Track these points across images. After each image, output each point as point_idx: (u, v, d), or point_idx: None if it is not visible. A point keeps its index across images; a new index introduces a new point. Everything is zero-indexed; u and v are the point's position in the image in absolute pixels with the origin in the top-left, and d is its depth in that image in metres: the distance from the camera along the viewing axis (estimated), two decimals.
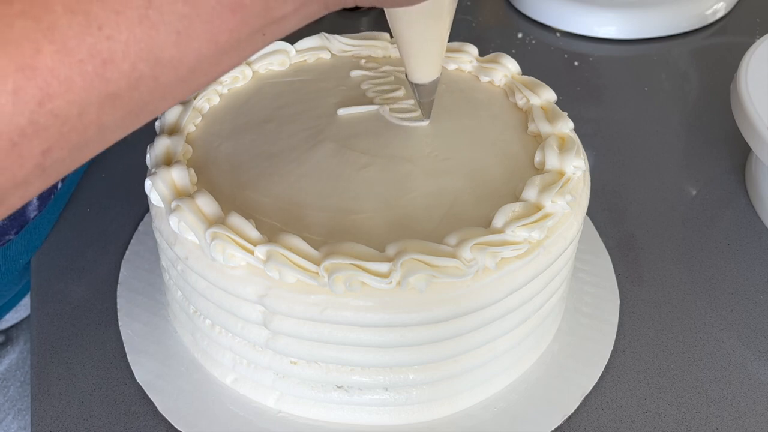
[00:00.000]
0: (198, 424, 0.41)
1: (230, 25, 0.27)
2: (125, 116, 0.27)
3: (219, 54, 0.27)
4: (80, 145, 0.26)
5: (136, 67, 0.26)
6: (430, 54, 0.41)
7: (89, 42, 0.24)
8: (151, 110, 0.28)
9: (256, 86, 0.48)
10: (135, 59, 0.25)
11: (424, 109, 0.44)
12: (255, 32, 0.28)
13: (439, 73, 0.42)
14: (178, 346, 0.44)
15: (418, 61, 0.41)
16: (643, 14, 0.73)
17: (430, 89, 0.43)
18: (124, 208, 0.54)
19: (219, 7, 0.26)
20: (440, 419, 0.41)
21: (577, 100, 0.66)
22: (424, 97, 0.43)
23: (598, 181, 0.55)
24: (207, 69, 0.28)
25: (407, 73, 0.42)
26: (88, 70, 0.25)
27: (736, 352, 0.46)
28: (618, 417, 0.42)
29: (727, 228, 0.54)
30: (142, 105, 0.27)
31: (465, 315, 0.37)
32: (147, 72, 0.26)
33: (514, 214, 0.38)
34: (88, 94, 0.25)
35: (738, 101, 0.53)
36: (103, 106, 0.26)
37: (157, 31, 0.25)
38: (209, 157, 0.43)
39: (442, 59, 0.42)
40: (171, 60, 0.26)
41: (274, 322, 0.37)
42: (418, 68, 0.42)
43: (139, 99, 0.27)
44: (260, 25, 0.28)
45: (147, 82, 0.26)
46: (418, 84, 0.42)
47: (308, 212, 0.39)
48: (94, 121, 0.26)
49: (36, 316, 0.47)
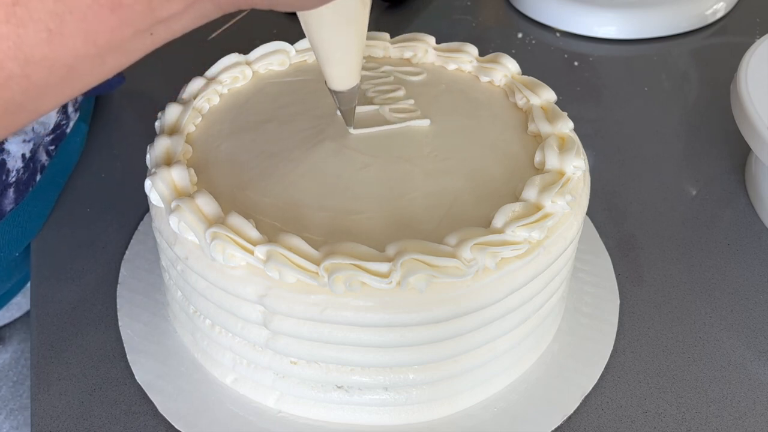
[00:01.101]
0: (198, 424, 0.41)
1: (110, 24, 0.26)
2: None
3: (101, 54, 0.27)
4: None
5: (5, 66, 0.25)
6: (343, 60, 0.40)
7: None
8: (30, 109, 0.27)
9: (256, 86, 0.48)
10: (3, 58, 0.25)
11: (346, 118, 0.43)
12: (140, 32, 0.27)
13: (358, 80, 0.41)
14: (178, 346, 0.44)
15: (333, 67, 0.40)
16: (643, 14, 0.73)
17: (349, 97, 0.42)
18: (124, 208, 0.54)
19: (95, 5, 0.25)
20: (440, 419, 0.41)
21: (577, 100, 0.66)
22: (343, 105, 0.42)
23: (598, 181, 0.55)
24: (90, 69, 0.27)
25: (325, 80, 0.41)
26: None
27: (736, 352, 0.46)
28: (618, 417, 0.42)
29: (727, 228, 0.54)
30: (16, 105, 0.26)
31: (465, 315, 0.37)
32: (17, 71, 0.25)
33: (514, 214, 0.38)
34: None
35: (738, 101, 0.53)
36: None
37: (25, 28, 0.25)
38: (209, 157, 0.43)
39: (358, 66, 0.41)
40: (44, 59, 0.25)
41: (274, 322, 0.37)
42: (333, 75, 0.41)
43: (11, 98, 0.26)
44: (146, 25, 0.27)
45: (18, 82, 0.26)
46: (335, 91, 0.41)
47: (308, 212, 0.39)
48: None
49: (36, 316, 0.47)
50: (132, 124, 0.56)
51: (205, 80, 0.47)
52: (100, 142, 0.60)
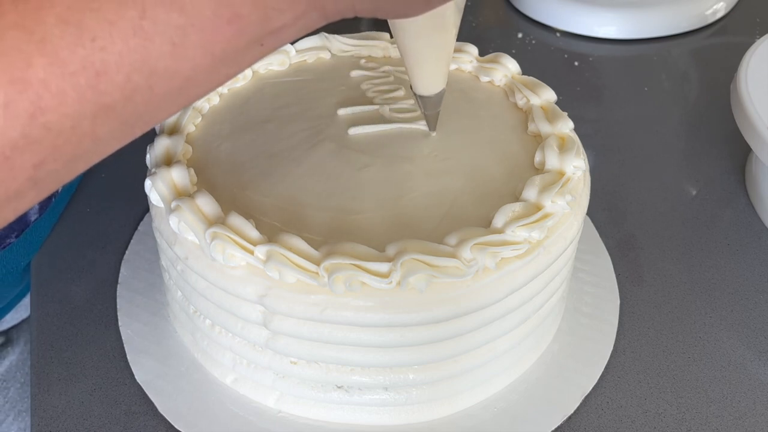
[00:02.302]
0: (198, 424, 0.41)
1: (227, 36, 0.26)
2: (120, 128, 0.27)
3: (215, 64, 0.27)
4: (74, 158, 0.26)
5: (131, 79, 0.25)
6: (434, 66, 0.40)
7: (82, 54, 0.24)
8: (146, 121, 0.28)
9: (256, 86, 0.48)
10: (129, 70, 0.25)
11: (430, 122, 0.44)
12: (252, 43, 0.27)
13: (444, 84, 0.41)
14: (178, 346, 0.44)
15: (423, 73, 0.40)
16: (643, 14, 0.73)
17: (435, 101, 0.42)
18: (124, 208, 0.54)
19: (215, 17, 0.26)
20: (440, 419, 0.41)
21: (577, 100, 0.66)
22: (429, 109, 0.43)
23: (598, 181, 0.55)
24: (203, 80, 0.27)
25: (412, 85, 0.41)
26: (80, 82, 0.24)
27: (736, 352, 0.46)
28: (618, 417, 0.42)
29: (727, 228, 0.54)
30: (137, 116, 0.27)
31: (465, 315, 0.37)
32: (142, 83, 0.26)
33: (514, 214, 0.38)
34: (82, 106, 0.25)
35: (738, 101, 0.53)
36: (96, 118, 0.25)
37: (152, 42, 0.25)
38: (209, 157, 0.43)
39: (447, 71, 0.41)
40: (166, 71, 0.26)
41: (274, 322, 0.37)
42: (422, 80, 0.41)
43: (134, 110, 0.26)
44: (258, 35, 0.27)
45: (142, 94, 0.26)
46: (422, 96, 0.42)
47: (308, 212, 0.39)
48: (88, 134, 0.26)
49: (36, 316, 0.47)
50: None
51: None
52: None
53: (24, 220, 0.50)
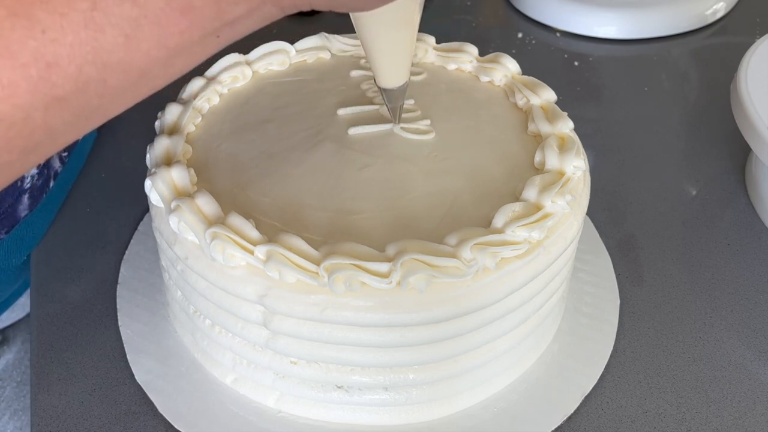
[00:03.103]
0: (198, 424, 0.41)
1: (180, 28, 0.26)
2: (74, 120, 0.27)
3: (170, 57, 0.27)
4: (27, 149, 0.26)
5: (83, 71, 0.25)
6: (395, 59, 0.40)
7: (33, 46, 0.24)
8: (101, 113, 0.28)
9: (256, 86, 0.48)
10: (81, 62, 0.25)
11: (393, 114, 0.44)
12: (207, 35, 0.27)
13: (407, 78, 0.42)
14: (178, 346, 0.44)
15: (384, 66, 0.41)
16: (643, 14, 0.73)
17: (398, 94, 0.42)
18: (123, 208, 0.54)
19: (168, 9, 0.26)
20: (440, 419, 0.41)
21: (577, 100, 0.66)
22: (391, 102, 0.43)
23: (598, 181, 0.55)
24: (158, 72, 0.27)
25: (374, 78, 0.42)
26: (32, 73, 0.24)
27: (736, 352, 0.46)
28: (618, 417, 0.42)
29: (727, 228, 0.54)
30: (91, 109, 0.27)
31: (465, 315, 0.37)
32: (95, 75, 0.25)
33: (514, 214, 0.38)
34: (33, 98, 0.25)
35: (738, 101, 0.53)
36: (49, 109, 0.25)
37: (103, 33, 0.25)
38: (209, 157, 0.43)
39: (408, 64, 0.41)
40: (120, 63, 0.26)
41: (274, 322, 0.37)
42: (384, 73, 0.41)
43: (87, 103, 0.26)
44: (213, 27, 0.27)
45: (95, 86, 0.26)
46: (385, 89, 0.42)
47: (308, 212, 0.39)
48: (41, 125, 0.25)
49: (36, 316, 0.47)
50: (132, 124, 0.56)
51: (205, 80, 0.47)
52: (99, 142, 0.60)
53: (14, 216, 0.50)
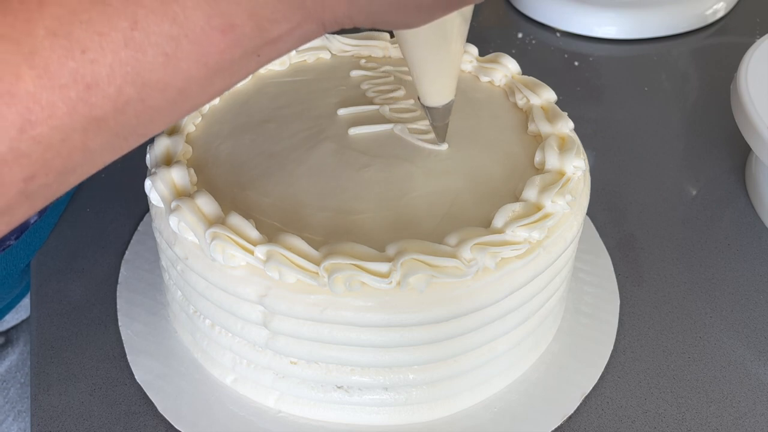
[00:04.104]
0: (198, 424, 0.41)
1: (221, 47, 0.26)
2: (112, 140, 0.26)
3: (210, 76, 0.27)
4: (66, 171, 0.26)
5: (123, 91, 0.25)
6: (440, 77, 0.39)
7: (72, 66, 0.24)
8: (140, 133, 0.27)
9: (256, 86, 0.48)
10: (121, 83, 0.25)
11: (438, 133, 0.43)
12: (249, 53, 0.27)
13: (453, 96, 0.41)
14: (178, 346, 0.44)
15: (429, 84, 0.40)
16: (643, 14, 0.73)
17: (443, 113, 0.41)
18: (124, 208, 0.54)
19: (208, 28, 0.25)
20: (440, 419, 0.41)
21: (577, 100, 0.66)
22: (437, 121, 0.42)
23: (598, 181, 0.55)
24: (197, 91, 0.27)
25: (419, 96, 0.41)
26: (71, 95, 0.24)
27: (736, 352, 0.46)
28: (618, 417, 0.42)
29: (727, 228, 0.54)
30: (129, 129, 0.26)
31: (465, 315, 0.37)
32: (134, 95, 0.25)
33: (514, 214, 0.38)
34: (72, 119, 0.24)
35: (738, 101, 0.53)
36: (87, 131, 0.25)
37: (143, 53, 0.25)
38: (209, 157, 0.43)
39: (454, 83, 0.40)
40: (159, 83, 0.25)
41: (274, 322, 0.37)
42: (429, 91, 0.40)
43: (126, 123, 0.26)
44: (254, 46, 0.27)
45: (134, 106, 0.25)
46: (430, 107, 0.41)
47: (308, 212, 0.39)
48: (79, 147, 0.25)
49: (36, 316, 0.47)
50: None
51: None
52: None
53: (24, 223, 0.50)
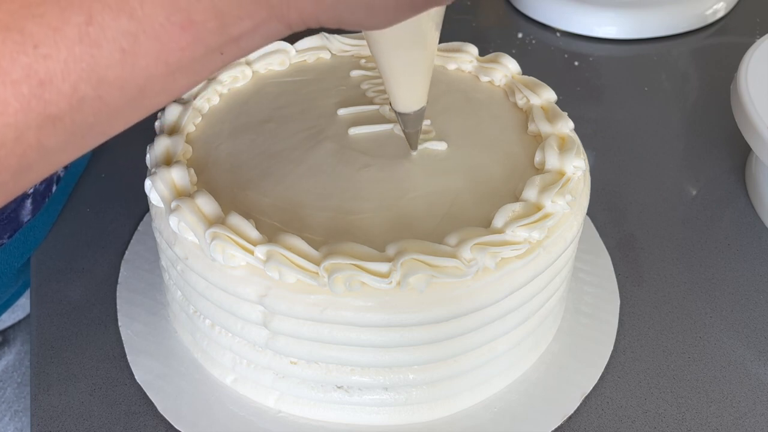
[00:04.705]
0: (198, 424, 0.41)
1: (181, 43, 0.25)
2: (69, 139, 0.26)
3: (171, 73, 0.26)
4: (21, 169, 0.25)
5: (78, 88, 0.24)
6: (410, 82, 0.39)
7: (24, 62, 0.23)
8: (99, 132, 0.27)
9: (256, 86, 0.48)
10: (76, 79, 0.24)
11: (411, 141, 0.42)
12: (211, 51, 0.26)
13: (424, 102, 0.40)
14: (178, 346, 0.44)
15: (399, 88, 0.39)
16: (643, 14, 0.73)
17: (415, 119, 0.40)
18: (124, 208, 0.54)
19: (168, 24, 0.25)
20: (440, 419, 0.41)
21: (577, 100, 0.66)
22: (408, 127, 0.41)
23: (598, 181, 0.55)
24: (159, 89, 0.26)
25: (390, 101, 0.40)
26: (23, 91, 0.23)
27: (736, 352, 0.46)
28: (618, 417, 0.42)
29: (727, 228, 0.54)
30: (87, 127, 0.26)
31: (465, 315, 0.37)
32: (90, 93, 0.24)
33: (514, 214, 0.38)
34: (26, 116, 0.24)
35: (738, 101, 0.53)
36: (42, 128, 0.24)
37: (99, 48, 0.24)
38: (209, 157, 0.43)
39: (425, 87, 0.39)
40: (117, 80, 0.25)
41: (274, 322, 0.37)
42: (399, 96, 0.39)
43: (83, 121, 0.25)
44: (216, 43, 0.26)
45: (91, 104, 0.25)
46: (401, 113, 0.40)
47: (308, 212, 0.39)
48: (34, 145, 0.24)
49: (36, 316, 0.47)
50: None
51: (205, 80, 0.46)
52: None
53: (17, 221, 0.50)
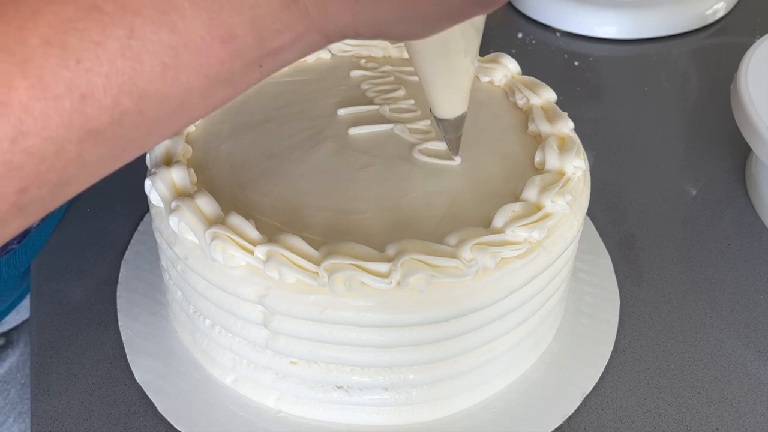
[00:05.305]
0: (198, 424, 0.41)
1: (221, 57, 0.25)
2: (109, 153, 0.26)
3: (210, 87, 0.26)
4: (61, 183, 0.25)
5: (119, 102, 0.24)
6: (450, 89, 0.38)
7: (66, 76, 0.23)
8: (138, 146, 0.26)
9: (256, 86, 0.48)
10: (117, 93, 0.24)
11: (451, 146, 0.41)
12: (250, 64, 0.26)
13: (465, 108, 0.39)
14: (178, 346, 0.44)
15: (439, 95, 0.39)
16: (643, 14, 0.73)
17: (455, 125, 0.40)
18: (124, 208, 0.54)
19: (209, 37, 0.25)
20: (440, 419, 0.41)
21: (577, 100, 0.66)
22: (449, 133, 0.41)
23: (598, 181, 0.55)
24: (198, 103, 0.26)
25: (431, 108, 0.40)
26: (65, 105, 0.23)
27: (736, 352, 0.46)
28: (618, 417, 0.42)
29: (727, 228, 0.54)
30: (127, 141, 0.26)
31: (465, 315, 0.37)
32: (131, 107, 0.24)
33: (514, 214, 0.38)
34: (67, 130, 0.24)
35: (738, 101, 0.53)
36: (83, 143, 0.24)
37: (141, 62, 0.24)
38: (209, 157, 0.43)
39: (467, 93, 0.39)
40: (157, 93, 0.25)
41: (274, 322, 0.37)
42: (439, 103, 0.39)
43: (123, 135, 0.25)
44: (255, 56, 0.26)
45: (132, 117, 0.25)
46: (441, 119, 0.40)
47: (308, 212, 0.39)
48: (74, 159, 0.24)
49: (36, 316, 0.47)
50: None
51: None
52: None
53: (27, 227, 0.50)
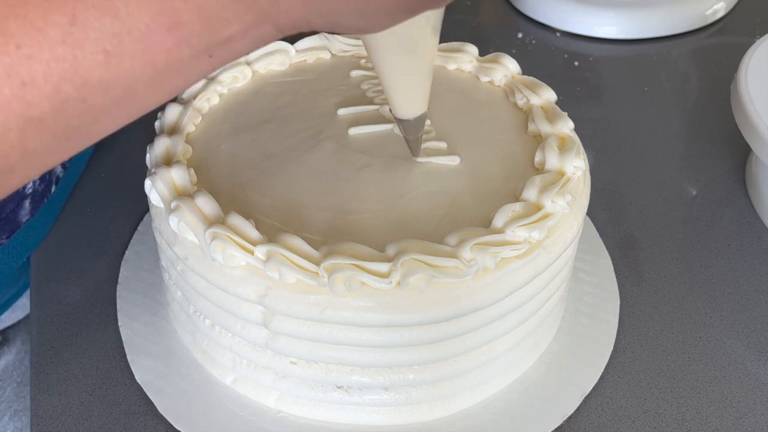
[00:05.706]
0: (198, 424, 0.41)
1: (167, 45, 0.25)
2: (53, 141, 0.25)
3: (158, 76, 0.26)
4: (3, 172, 0.25)
5: (61, 89, 0.24)
6: (408, 88, 0.38)
7: (6, 62, 0.23)
8: (84, 134, 0.26)
9: (256, 86, 0.48)
10: (58, 80, 0.24)
11: (412, 147, 0.41)
12: (199, 54, 0.26)
13: (425, 108, 0.39)
14: (178, 346, 0.44)
15: (397, 94, 0.38)
16: (643, 14, 0.73)
17: (415, 126, 0.40)
18: (124, 208, 0.54)
19: (153, 25, 0.24)
20: (440, 419, 0.41)
21: (577, 100, 0.66)
22: (408, 134, 0.41)
23: (598, 181, 0.55)
24: (145, 91, 0.26)
25: (390, 108, 0.40)
26: (5, 92, 0.23)
27: (736, 352, 0.46)
28: (618, 417, 0.42)
29: (727, 228, 0.54)
30: (71, 129, 0.25)
31: (465, 315, 0.37)
32: (73, 94, 0.24)
33: (514, 214, 0.38)
34: (7, 118, 0.23)
35: (738, 101, 0.53)
36: (24, 130, 0.24)
37: (82, 49, 0.24)
38: (209, 157, 0.43)
39: (425, 92, 0.39)
40: (101, 81, 0.24)
41: (274, 322, 0.37)
42: (398, 102, 0.39)
43: (66, 123, 0.25)
44: (203, 46, 0.26)
45: (74, 105, 0.24)
46: (401, 119, 0.40)
47: (308, 212, 0.39)
48: (17, 147, 0.24)
49: (36, 316, 0.47)
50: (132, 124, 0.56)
51: (204, 80, 0.47)
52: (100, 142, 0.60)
53: (15, 221, 0.50)
